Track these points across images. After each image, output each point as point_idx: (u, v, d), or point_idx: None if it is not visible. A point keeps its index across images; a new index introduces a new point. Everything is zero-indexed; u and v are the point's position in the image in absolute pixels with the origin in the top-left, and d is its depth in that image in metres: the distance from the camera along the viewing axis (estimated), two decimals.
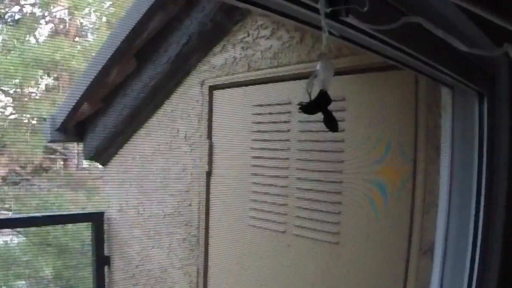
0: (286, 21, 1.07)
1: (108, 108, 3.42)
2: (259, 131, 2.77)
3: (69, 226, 3.67)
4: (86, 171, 4.36)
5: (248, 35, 2.81)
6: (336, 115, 0.91)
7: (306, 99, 0.84)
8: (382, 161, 2.21)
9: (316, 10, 0.86)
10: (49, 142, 3.82)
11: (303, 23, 1.09)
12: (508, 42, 1.05)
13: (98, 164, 3.80)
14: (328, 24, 0.84)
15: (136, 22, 2.90)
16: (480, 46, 1.46)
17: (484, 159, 1.76)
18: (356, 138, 2.30)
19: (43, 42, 4.90)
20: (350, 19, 0.89)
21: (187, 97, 3.14)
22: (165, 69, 3.11)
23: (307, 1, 0.86)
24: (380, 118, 2.22)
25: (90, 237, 3.57)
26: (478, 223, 1.76)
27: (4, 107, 4.48)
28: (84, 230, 3.64)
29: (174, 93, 3.24)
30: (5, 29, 4.59)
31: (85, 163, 4.18)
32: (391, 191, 2.17)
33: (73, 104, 3.33)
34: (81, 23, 4.90)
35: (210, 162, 3.02)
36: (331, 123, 0.90)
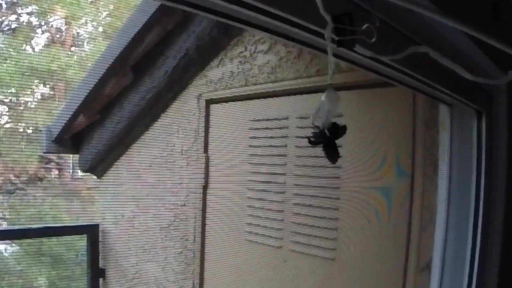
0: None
1: (104, 120, 3.41)
2: (256, 146, 2.76)
3: (64, 237, 3.64)
4: (81, 182, 4.33)
5: (246, 50, 2.81)
6: None
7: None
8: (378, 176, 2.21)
9: (320, 35, 0.85)
10: (44, 153, 3.80)
11: (304, 45, 1.09)
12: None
13: (93, 176, 3.78)
14: (332, 48, 0.83)
15: (133, 35, 2.90)
16: (484, 70, 1.47)
17: (482, 176, 1.75)
18: (354, 154, 2.29)
19: (39, 51, 4.87)
20: (357, 48, 0.88)
21: (184, 111, 3.13)
22: (162, 82, 3.10)
23: (314, 28, 0.86)
24: (377, 134, 2.22)
25: (85, 248, 3.55)
26: (476, 241, 1.75)
27: (0, 116, 4.45)
28: (79, 241, 3.61)
29: (170, 107, 3.23)
30: (1, 38, 4.56)
31: (80, 174, 4.15)
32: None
33: (69, 115, 3.32)
34: (77, 33, 4.87)
35: (207, 176, 3.00)
36: (332, 155, 0.89)
